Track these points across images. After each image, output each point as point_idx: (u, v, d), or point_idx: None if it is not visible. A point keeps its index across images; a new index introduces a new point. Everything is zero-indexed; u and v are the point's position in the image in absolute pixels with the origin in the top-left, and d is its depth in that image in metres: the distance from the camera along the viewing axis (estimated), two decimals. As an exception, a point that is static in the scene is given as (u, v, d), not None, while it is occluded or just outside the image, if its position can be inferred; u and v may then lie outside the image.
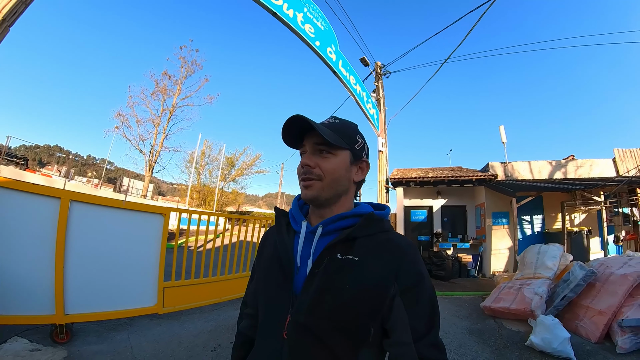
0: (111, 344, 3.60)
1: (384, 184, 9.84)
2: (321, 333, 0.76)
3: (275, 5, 5.93)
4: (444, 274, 9.05)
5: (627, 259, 5.11)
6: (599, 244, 9.62)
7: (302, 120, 0.85)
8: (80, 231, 3.48)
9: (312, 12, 7.05)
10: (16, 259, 3.18)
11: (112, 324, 4.07)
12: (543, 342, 3.84)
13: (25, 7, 3.24)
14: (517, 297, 5.16)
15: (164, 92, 23.11)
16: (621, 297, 4.30)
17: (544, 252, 6.07)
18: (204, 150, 25.87)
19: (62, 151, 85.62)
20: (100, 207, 3.68)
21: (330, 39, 7.62)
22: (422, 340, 0.76)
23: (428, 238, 11.45)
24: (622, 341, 3.87)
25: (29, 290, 3.24)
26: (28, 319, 3.26)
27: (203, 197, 25.08)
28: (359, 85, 9.07)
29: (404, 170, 12.85)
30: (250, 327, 0.99)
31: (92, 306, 3.58)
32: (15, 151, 25.18)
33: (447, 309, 5.85)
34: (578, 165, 10.72)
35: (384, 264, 0.80)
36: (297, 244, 0.88)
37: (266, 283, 0.91)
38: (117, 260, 3.76)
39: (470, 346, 4.09)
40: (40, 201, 3.32)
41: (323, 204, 0.89)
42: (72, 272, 3.42)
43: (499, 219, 10.16)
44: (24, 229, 3.23)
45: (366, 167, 0.96)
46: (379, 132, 10.11)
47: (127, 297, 3.86)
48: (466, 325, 4.97)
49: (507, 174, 10.70)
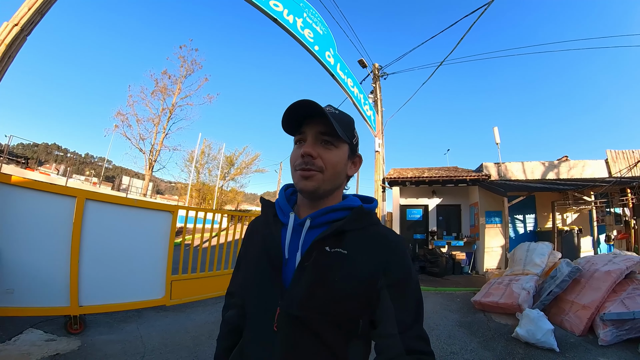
0: (122, 334, 3.83)
1: (381, 184, 10.06)
2: (312, 325, 0.76)
3: (275, 11, 6.06)
4: (438, 271, 9.34)
5: (612, 257, 5.35)
6: (590, 242, 9.84)
7: (311, 106, 0.82)
8: (94, 228, 3.71)
9: (311, 17, 7.19)
10: (34, 254, 3.41)
11: (122, 315, 4.30)
12: (528, 333, 4.07)
13: (41, 17, 3.43)
14: (505, 292, 5.39)
15: (163, 91, 23.28)
16: (604, 292, 4.53)
17: (533, 250, 6.33)
18: (203, 149, 26.12)
19: (60, 149, 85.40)
20: (112, 205, 3.93)
21: (329, 42, 7.77)
22: (407, 332, 0.77)
23: (423, 236, 11.71)
24: (604, 334, 4.08)
25: (45, 283, 3.46)
26: (45, 310, 3.47)
27: (202, 196, 25.34)
28: (356, 87, 9.24)
29: (400, 170, 13.10)
30: (236, 317, 0.99)
31: (104, 298, 3.80)
32: (13, 150, 25.36)
33: (439, 303, 6.08)
34: (571, 166, 10.89)
35: (373, 257, 0.81)
36: (285, 237, 0.87)
37: (254, 275, 0.89)
38: (128, 255, 3.99)
39: (459, 337, 4.33)
40: (58, 200, 3.55)
41: (319, 196, 0.88)
42: (86, 266, 3.64)
43: (492, 217, 10.41)
44: (42, 225, 3.45)
45: (359, 162, 0.98)
46: (376, 133, 10.31)
47: (137, 290, 4.08)
48: (456, 318, 5.20)
49: (500, 174, 10.92)
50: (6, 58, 3.03)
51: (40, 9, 3.30)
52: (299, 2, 6.86)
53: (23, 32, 3.17)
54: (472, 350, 3.90)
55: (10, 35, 3.05)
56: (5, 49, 2.99)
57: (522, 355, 3.78)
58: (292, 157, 0.89)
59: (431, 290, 7.51)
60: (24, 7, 3.21)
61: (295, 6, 6.70)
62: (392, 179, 11.10)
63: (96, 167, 61.51)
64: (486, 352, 3.88)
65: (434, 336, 4.35)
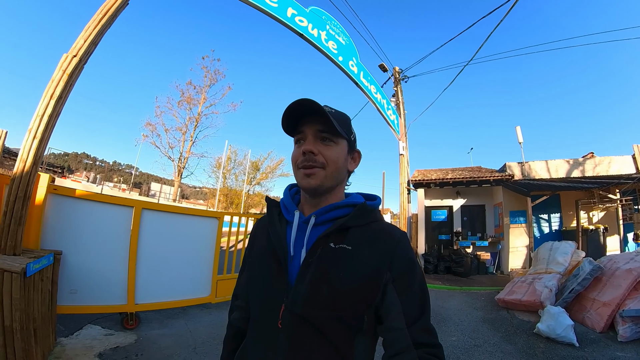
0: (172, 329, 4.34)
1: (406, 186, 10.29)
2: (316, 322, 0.77)
3: (301, 27, 6.49)
4: (463, 271, 9.57)
5: (634, 255, 5.49)
6: (617, 241, 9.78)
7: (308, 105, 0.85)
8: (148, 233, 4.20)
9: (333, 28, 7.55)
10: (95, 258, 3.85)
11: (170, 312, 4.81)
12: (548, 328, 4.33)
13: (95, 47, 3.81)
14: (528, 290, 5.63)
15: (189, 101, 24.12)
16: (624, 289, 4.71)
17: (556, 249, 6.51)
18: (229, 156, 26.88)
19: (89, 158, 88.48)
20: (165, 213, 4.46)
21: (351, 52, 8.12)
22: (414, 325, 0.78)
23: (448, 237, 11.93)
24: (623, 330, 4.29)
25: (105, 284, 3.91)
26: (105, 308, 3.94)
27: (230, 200, 26.16)
28: (379, 93, 9.54)
29: (424, 172, 13.34)
30: (241, 319, 1.01)
31: (157, 297, 4.28)
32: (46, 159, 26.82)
33: (464, 302, 6.38)
34: (596, 162, 10.63)
35: (377, 252, 0.82)
36: (290, 234, 0.89)
37: (260, 273, 0.91)
38: (179, 257, 4.49)
39: (483, 332, 4.64)
40: (117, 209, 4.06)
41: (323, 193, 0.89)
42: (142, 268, 4.13)
43: (516, 217, 10.53)
44: (103, 232, 3.94)
45: (358, 157, 1.00)
46: (400, 136, 10.53)
47: (186, 289, 4.58)
48: (480, 315, 5.50)
49: (524, 173, 10.91)
50: (68, 86, 3.42)
51: (94, 41, 3.69)
52: (321, 15, 7.26)
53: (81, 62, 3.52)
54: (494, 344, 4.21)
55: (71, 65, 3.39)
56: (67, 78, 3.34)
57: (543, 349, 4.05)
58: (293, 157, 0.91)
59: (456, 289, 7.77)
60: (81, 40, 3.55)
61: (318, 19, 7.09)
62: (416, 181, 11.38)
63: (124, 174, 63.68)
64: (508, 345, 4.17)
65: (459, 331, 4.67)
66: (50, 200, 3.56)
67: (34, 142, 3.07)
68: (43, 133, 3.12)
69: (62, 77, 3.31)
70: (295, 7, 6.39)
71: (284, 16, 6.11)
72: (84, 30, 3.62)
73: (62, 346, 3.58)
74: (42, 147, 3.15)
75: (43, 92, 3.22)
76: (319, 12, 7.21)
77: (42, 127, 3.12)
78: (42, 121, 3.12)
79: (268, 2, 5.70)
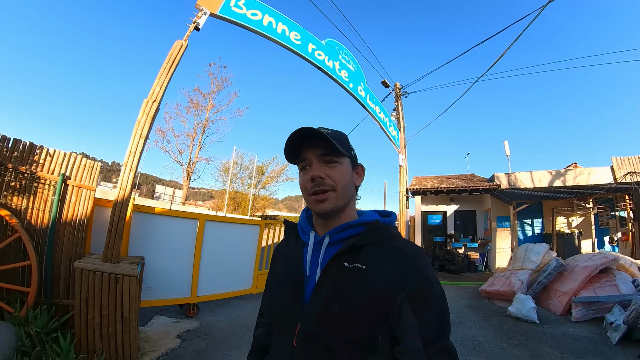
0: (223, 315, 5.40)
1: (405, 194, 11.34)
2: (328, 341, 0.77)
3: (319, 60, 7.26)
4: (455, 269, 10.91)
5: (592, 255, 6.73)
6: (590, 244, 10.82)
7: (307, 132, 0.86)
8: (208, 239, 5.20)
9: (345, 57, 8.34)
10: (168, 261, 4.70)
11: (217, 303, 5.79)
12: (516, 310, 5.59)
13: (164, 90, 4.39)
14: (505, 282, 6.89)
15: (197, 107, 24.76)
16: (580, 282, 5.93)
17: (531, 250, 7.76)
18: (235, 161, 27.61)
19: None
20: (221, 223, 5.59)
21: (360, 77, 8.99)
22: (432, 346, 0.75)
23: (442, 239, 13.22)
24: (576, 312, 5.49)
25: (174, 281, 4.76)
26: (173, 300, 4.86)
27: (237, 203, 27.23)
28: (383, 113, 10.57)
29: (421, 179, 14.60)
30: (264, 335, 1.04)
31: (213, 290, 5.27)
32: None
33: (455, 293, 7.66)
34: (577, 173, 11.38)
35: (390, 270, 0.80)
36: (306, 255, 0.90)
37: (279, 293, 0.93)
38: (229, 257, 5.55)
39: (466, 314, 5.93)
40: (186, 222, 5.06)
41: (337, 214, 0.90)
42: (203, 267, 5.09)
43: (502, 222, 11.71)
44: (174, 240, 4.84)
45: (362, 171, 0.99)
46: (400, 149, 11.45)
47: (234, 282, 5.66)
48: (466, 302, 6.80)
49: (510, 183, 11.93)
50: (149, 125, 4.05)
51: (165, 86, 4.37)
52: (334, 46, 8.06)
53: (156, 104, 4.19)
54: (474, 322, 5.47)
55: (152, 109, 4.09)
56: (151, 120, 4.07)
57: (511, 325, 5.30)
58: (301, 184, 0.91)
59: (449, 284, 9.03)
60: (157, 87, 4.28)
61: (332, 50, 7.87)
62: (414, 189, 12.59)
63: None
64: (485, 322, 5.44)
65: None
66: (135, 216, 4.29)
67: (130, 174, 3.74)
68: (136, 166, 3.81)
69: (146, 120, 3.97)
70: (314, 42, 7.14)
71: (306, 52, 6.86)
72: (158, 77, 4.29)
73: (144, 333, 4.39)
74: (134, 177, 3.79)
75: (132, 132, 3.88)
76: (333, 44, 7.98)
77: (135, 161, 3.78)
78: (135, 157, 3.78)
79: (293, 40, 6.48)
